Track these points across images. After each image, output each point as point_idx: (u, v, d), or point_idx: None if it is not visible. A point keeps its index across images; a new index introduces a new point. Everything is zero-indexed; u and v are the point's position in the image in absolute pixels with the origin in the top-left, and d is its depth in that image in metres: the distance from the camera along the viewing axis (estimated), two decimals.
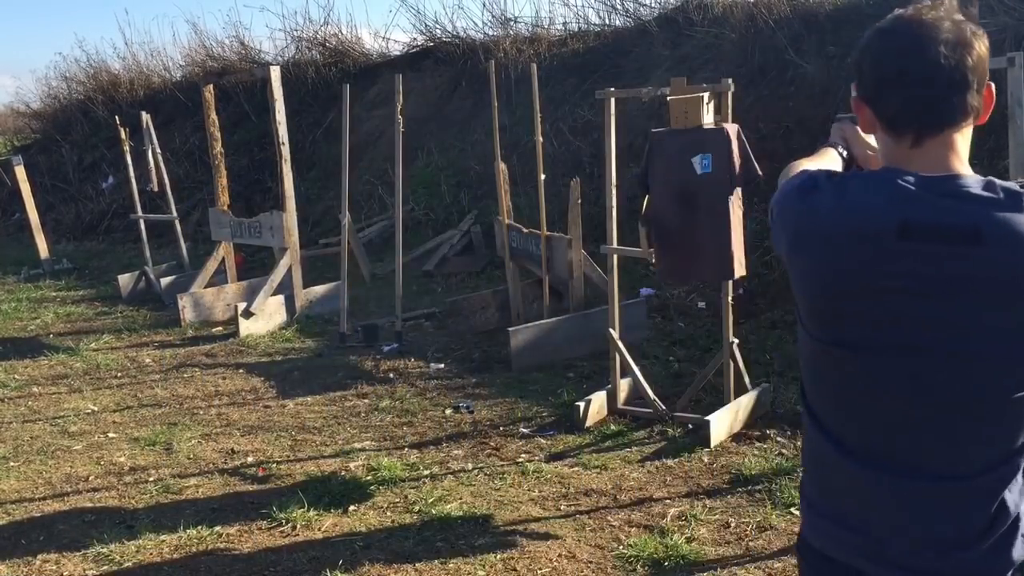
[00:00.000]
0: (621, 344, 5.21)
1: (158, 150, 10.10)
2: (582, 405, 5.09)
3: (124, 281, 9.79)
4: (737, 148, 4.53)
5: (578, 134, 10.01)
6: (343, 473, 4.65)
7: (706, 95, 4.63)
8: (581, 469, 4.51)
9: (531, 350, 6.20)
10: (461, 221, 10.14)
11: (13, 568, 3.82)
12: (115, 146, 13.05)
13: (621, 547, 3.70)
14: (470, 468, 4.62)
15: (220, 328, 8.06)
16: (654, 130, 4.90)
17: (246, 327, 7.68)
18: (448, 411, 5.51)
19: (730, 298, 4.86)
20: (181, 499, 4.45)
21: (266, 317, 7.88)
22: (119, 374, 6.82)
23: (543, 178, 6.75)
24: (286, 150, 8.04)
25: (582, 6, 15.27)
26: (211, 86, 8.96)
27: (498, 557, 3.68)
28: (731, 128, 4.56)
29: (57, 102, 18.55)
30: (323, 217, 11.75)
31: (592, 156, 9.32)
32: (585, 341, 6.29)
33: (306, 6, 38.93)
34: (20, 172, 12.21)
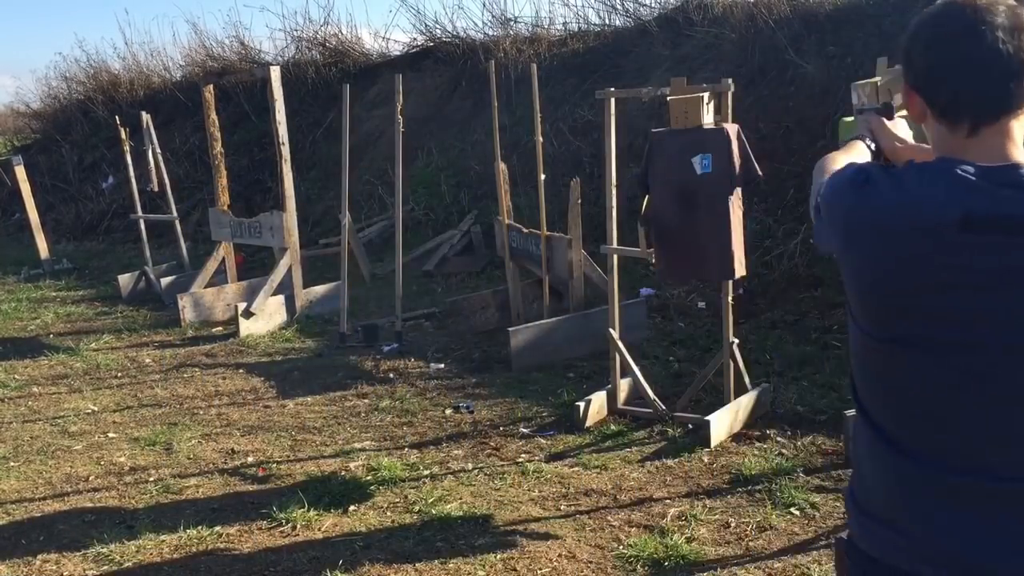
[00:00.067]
0: (621, 344, 5.21)
1: (158, 150, 10.09)
2: (582, 405, 5.09)
3: (124, 281, 9.79)
4: (737, 148, 4.53)
5: (578, 134, 10.00)
6: (343, 473, 4.65)
7: (706, 95, 4.63)
8: (581, 469, 4.51)
9: (531, 350, 6.20)
10: (461, 221, 10.14)
11: (13, 568, 3.82)
12: (115, 146, 13.06)
13: (621, 547, 3.70)
14: (470, 468, 4.62)
15: (220, 328, 8.06)
16: (654, 130, 4.91)
17: (246, 327, 7.68)
18: (448, 411, 5.51)
19: (730, 298, 4.86)
20: (181, 499, 4.45)
21: (266, 317, 7.88)
22: (119, 374, 6.82)
23: (543, 178, 6.75)
24: (286, 150, 8.04)
25: (582, 6, 15.28)
26: (211, 86, 8.96)
27: (498, 557, 3.68)
28: (731, 128, 4.56)
29: (57, 102, 18.56)
30: (323, 217, 11.75)
31: (592, 156, 9.32)
32: (585, 341, 6.29)
33: (306, 6, 38.96)
34: (20, 172, 12.22)
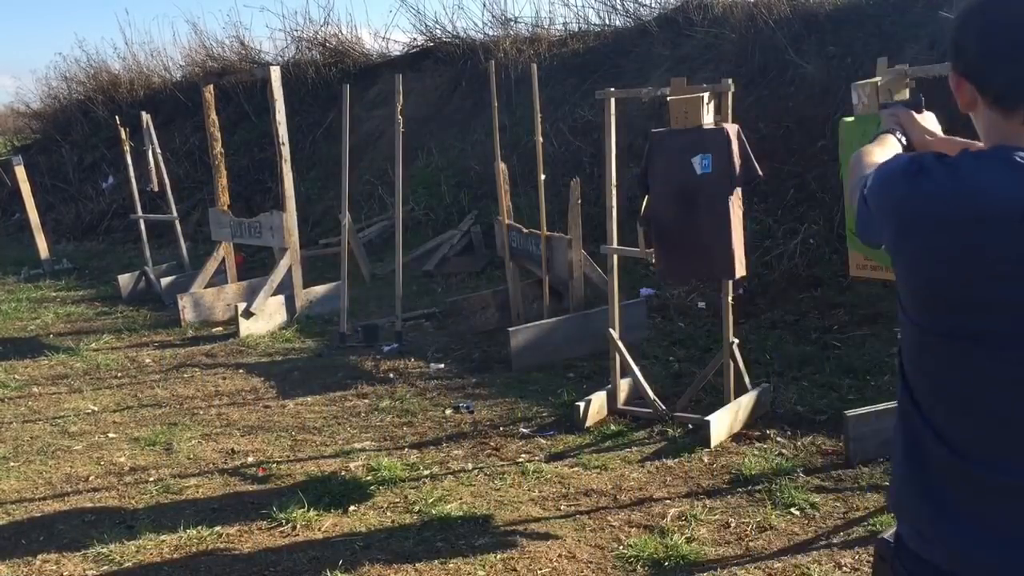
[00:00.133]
0: (621, 344, 5.21)
1: (158, 150, 10.10)
2: (582, 405, 5.08)
3: (124, 281, 9.79)
4: (737, 148, 4.53)
5: (578, 134, 10.00)
6: (343, 473, 4.65)
7: (706, 95, 4.63)
8: (581, 469, 4.51)
9: (531, 350, 6.20)
10: (461, 221, 10.14)
11: (13, 568, 3.82)
12: (115, 146, 13.06)
13: (621, 547, 3.70)
14: (470, 468, 4.62)
15: (220, 328, 8.06)
16: (654, 130, 4.91)
17: (246, 327, 7.68)
18: (448, 411, 5.51)
19: (730, 298, 4.85)
20: (181, 499, 4.45)
21: (266, 317, 7.88)
22: (119, 374, 6.82)
23: (543, 178, 6.75)
24: (286, 150, 8.04)
25: (582, 6, 15.36)
26: (211, 86, 8.96)
27: (498, 557, 3.68)
28: (731, 128, 4.56)
29: (57, 102, 18.57)
30: (323, 217, 11.75)
31: (592, 156, 9.32)
32: (585, 341, 6.29)
33: (306, 6, 38.98)
34: (20, 172, 12.22)
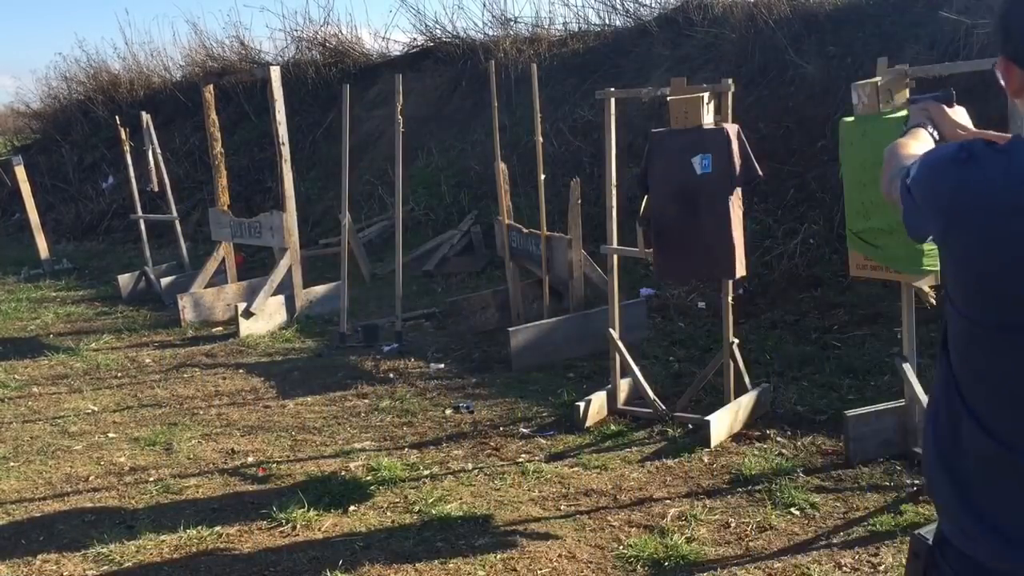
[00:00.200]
0: (621, 344, 5.21)
1: (158, 150, 10.10)
2: (582, 405, 5.08)
3: (124, 281, 9.79)
4: (737, 148, 4.53)
5: (578, 134, 10.01)
6: (343, 473, 4.65)
7: (706, 95, 4.63)
8: (581, 469, 4.51)
9: (531, 350, 6.20)
10: (461, 221, 10.14)
11: (13, 568, 3.82)
12: (115, 146, 13.05)
13: (621, 547, 3.69)
14: (470, 468, 4.62)
15: (220, 328, 8.06)
16: (654, 130, 4.91)
17: (246, 327, 7.68)
18: (448, 411, 5.51)
19: (730, 298, 4.85)
20: (181, 499, 4.44)
21: (266, 317, 7.88)
22: (119, 374, 6.82)
23: (543, 178, 6.75)
24: (286, 150, 8.04)
25: (582, 6, 15.34)
26: (211, 86, 8.96)
27: (498, 557, 3.68)
28: (731, 128, 4.56)
29: (57, 102, 18.58)
30: (323, 217, 11.75)
31: (592, 156, 9.32)
32: (585, 341, 6.29)
33: (306, 6, 38.95)
34: (20, 172, 12.22)
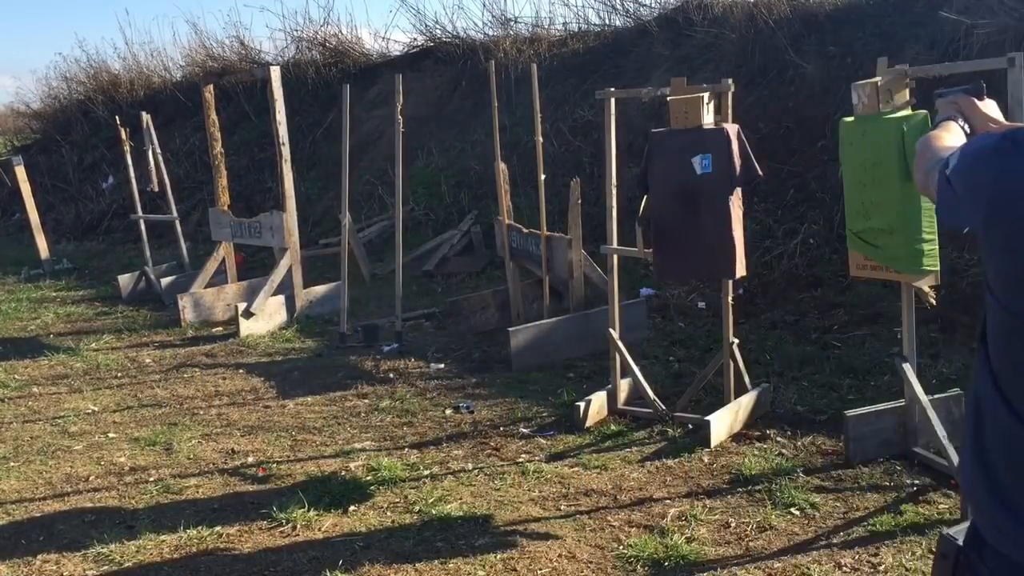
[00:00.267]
0: (621, 344, 5.21)
1: (158, 150, 10.10)
2: (582, 405, 5.08)
3: (124, 281, 9.79)
4: (737, 148, 4.53)
5: (578, 134, 10.01)
6: (343, 473, 4.65)
7: (706, 95, 4.63)
8: (581, 469, 4.51)
9: (531, 350, 6.20)
10: (461, 221, 10.14)
11: (13, 568, 3.82)
12: (115, 146, 13.07)
13: (621, 547, 3.69)
14: (470, 468, 4.62)
15: (220, 328, 8.06)
16: (654, 130, 4.90)
17: (246, 327, 7.68)
18: (448, 411, 5.51)
19: (730, 298, 4.86)
20: (181, 499, 4.44)
21: (266, 317, 7.88)
22: (119, 374, 6.82)
23: (543, 178, 6.75)
24: (286, 150, 8.04)
25: (582, 6, 15.36)
26: (211, 86, 8.97)
27: (498, 557, 3.68)
28: (731, 128, 4.56)
29: (57, 102, 18.59)
30: (323, 217, 11.75)
31: (592, 156, 9.32)
32: (585, 341, 6.29)
33: (306, 6, 39.04)
34: (20, 172, 12.23)
